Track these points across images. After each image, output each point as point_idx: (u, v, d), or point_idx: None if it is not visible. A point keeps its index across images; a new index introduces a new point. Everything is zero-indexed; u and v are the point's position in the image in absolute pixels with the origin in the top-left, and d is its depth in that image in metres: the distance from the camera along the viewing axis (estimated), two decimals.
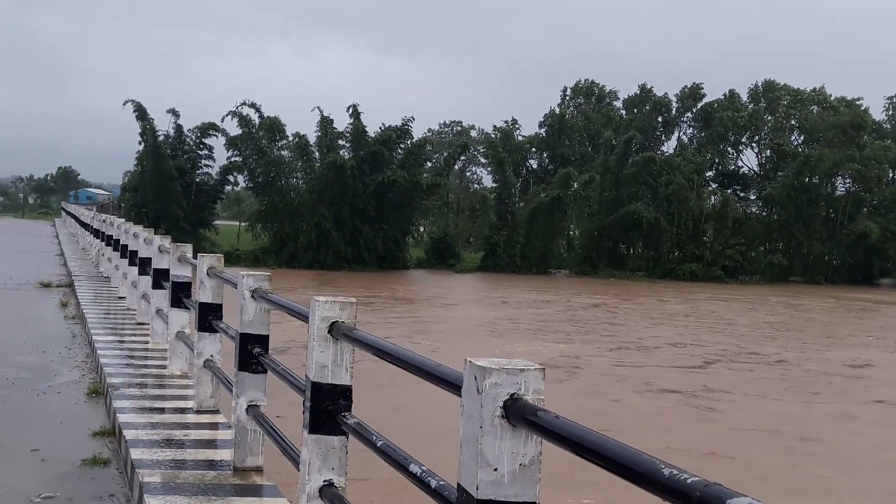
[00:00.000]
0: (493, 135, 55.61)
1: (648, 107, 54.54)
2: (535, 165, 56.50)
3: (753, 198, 52.91)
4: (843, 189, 50.11)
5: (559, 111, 56.33)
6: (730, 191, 51.15)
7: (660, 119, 54.60)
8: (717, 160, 52.40)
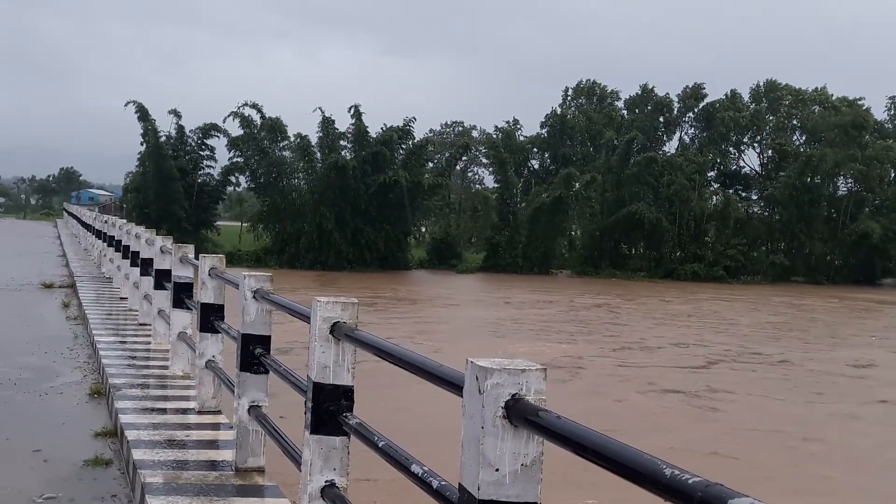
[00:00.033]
0: (495, 135, 55.64)
1: (650, 107, 54.48)
2: (537, 166, 56.47)
3: (755, 198, 52.81)
4: (845, 189, 50.02)
5: (561, 111, 56.29)
6: (731, 191, 51.07)
7: (661, 119, 54.54)
8: (719, 160, 52.31)
